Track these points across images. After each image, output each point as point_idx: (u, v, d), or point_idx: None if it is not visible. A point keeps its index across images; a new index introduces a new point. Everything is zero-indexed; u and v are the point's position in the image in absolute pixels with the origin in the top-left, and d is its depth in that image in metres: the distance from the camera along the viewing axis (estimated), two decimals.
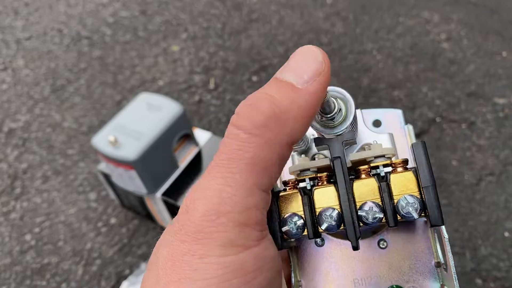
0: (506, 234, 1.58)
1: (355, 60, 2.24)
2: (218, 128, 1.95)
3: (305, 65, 0.28)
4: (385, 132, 0.38)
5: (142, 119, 1.49)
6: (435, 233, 0.35)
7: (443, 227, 0.30)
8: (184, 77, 2.22)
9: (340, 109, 0.31)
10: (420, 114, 1.97)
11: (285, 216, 0.31)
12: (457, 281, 0.29)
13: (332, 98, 0.31)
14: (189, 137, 1.60)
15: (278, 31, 2.42)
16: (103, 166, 1.57)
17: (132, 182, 1.49)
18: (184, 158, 1.59)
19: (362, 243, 0.36)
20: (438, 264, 0.34)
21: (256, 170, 0.27)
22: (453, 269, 0.29)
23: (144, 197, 1.55)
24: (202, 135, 1.66)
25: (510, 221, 1.62)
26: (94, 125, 2.03)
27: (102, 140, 1.44)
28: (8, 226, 1.72)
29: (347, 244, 0.36)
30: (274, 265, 0.29)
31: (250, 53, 2.31)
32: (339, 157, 0.31)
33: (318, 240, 0.36)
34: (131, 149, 1.41)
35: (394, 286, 0.35)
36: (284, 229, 0.31)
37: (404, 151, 0.38)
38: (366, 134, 0.38)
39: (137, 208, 1.66)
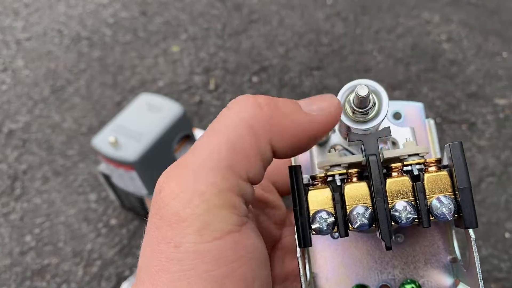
0: (507, 235, 1.58)
1: (355, 60, 2.23)
2: None
3: (319, 102, 0.30)
4: (405, 125, 0.37)
5: (142, 120, 1.49)
6: (452, 229, 0.35)
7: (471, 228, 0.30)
8: (184, 78, 2.22)
9: (375, 104, 0.31)
10: None
11: (314, 213, 0.30)
12: (482, 281, 0.29)
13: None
14: (189, 138, 1.60)
15: (278, 32, 2.42)
16: (103, 167, 1.57)
17: (132, 183, 1.49)
18: None
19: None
20: (453, 260, 0.34)
21: (234, 153, 0.27)
22: (478, 269, 0.29)
23: (144, 198, 1.55)
24: None
25: (511, 222, 1.62)
26: (94, 126, 2.03)
27: (102, 141, 1.44)
28: (8, 227, 1.71)
29: (363, 236, 0.36)
30: (258, 255, 0.27)
31: (250, 54, 2.31)
32: (375, 154, 0.30)
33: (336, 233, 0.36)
34: (132, 150, 1.41)
35: (409, 281, 0.34)
36: (314, 226, 0.30)
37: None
38: (386, 126, 0.37)
39: (137, 209, 1.66)
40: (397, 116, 0.38)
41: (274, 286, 0.35)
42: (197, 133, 1.66)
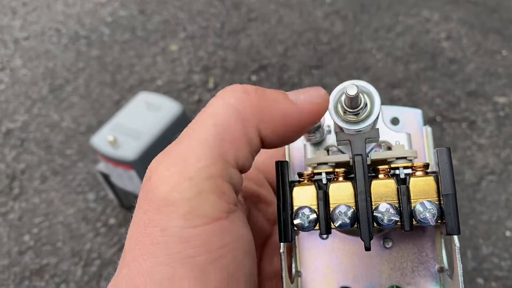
0: (508, 233, 1.58)
1: (354, 59, 2.23)
2: None
3: (306, 92, 0.30)
4: (402, 131, 0.37)
5: (141, 119, 1.48)
6: (441, 238, 0.35)
7: (455, 236, 0.30)
8: (183, 77, 2.21)
9: (366, 105, 0.31)
10: None
11: (297, 208, 0.30)
12: None
13: (360, 94, 0.30)
14: None
15: (277, 30, 2.41)
16: (102, 166, 1.56)
17: (131, 182, 1.48)
18: None
19: None
20: (441, 269, 0.34)
21: (222, 138, 0.27)
22: (460, 278, 0.29)
23: None
24: None
25: (511, 220, 1.61)
26: (93, 125, 2.02)
27: (101, 140, 1.44)
28: (7, 226, 1.71)
29: (351, 239, 0.36)
30: (244, 245, 0.27)
31: (249, 52, 2.31)
32: (361, 154, 0.30)
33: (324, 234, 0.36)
34: (130, 149, 1.40)
35: (394, 287, 0.34)
36: (296, 221, 0.30)
37: (420, 153, 0.37)
38: (382, 131, 0.36)
39: None
40: (395, 121, 0.38)
41: (264, 283, 0.35)
42: None
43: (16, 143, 1.99)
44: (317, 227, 0.30)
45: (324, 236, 0.36)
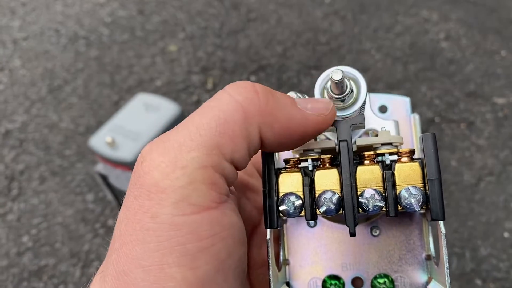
0: (506, 234, 1.58)
1: (353, 59, 2.23)
2: None
3: (314, 103, 0.30)
4: (390, 118, 0.37)
5: (140, 120, 1.48)
6: (429, 226, 0.35)
7: (441, 222, 0.30)
8: (182, 77, 2.21)
9: (352, 91, 0.31)
10: (419, 114, 1.95)
11: (283, 195, 0.30)
12: (448, 276, 0.28)
13: (345, 79, 0.30)
14: None
15: (276, 31, 2.41)
16: (101, 167, 1.56)
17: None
18: None
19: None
20: (428, 257, 0.34)
21: (222, 131, 0.26)
22: (446, 265, 0.29)
23: None
24: None
25: (510, 221, 1.61)
26: (92, 126, 2.02)
27: (99, 141, 1.44)
28: (5, 227, 1.71)
29: (339, 227, 0.36)
30: (234, 234, 0.27)
31: (248, 53, 2.30)
32: (346, 140, 0.30)
33: (312, 221, 0.36)
34: (129, 150, 1.40)
35: (382, 275, 0.34)
36: (282, 208, 0.30)
37: (408, 140, 0.37)
38: (370, 118, 0.37)
39: None
40: (382, 109, 0.38)
41: (252, 271, 0.35)
42: None
43: (15, 143, 1.98)
44: (302, 213, 0.30)
45: (312, 223, 0.36)
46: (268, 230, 0.30)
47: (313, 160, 0.32)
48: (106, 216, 1.71)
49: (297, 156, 0.33)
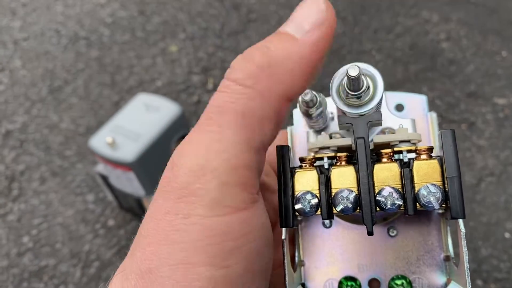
0: (507, 235, 1.58)
1: (354, 60, 2.22)
2: None
3: (306, 16, 0.28)
4: (407, 117, 0.36)
5: (140, 120, 1.48)
6: (447, 226, 0.34)
7: (461, 220, 0.29)
8: (183, 78, 2.21)
9: (369, 87, 0.30)
10: None
11: (299, 194, 0.30)
12: (469, 276, 0.28)
13: (362, 76, 0.29)
14: None
15: None
16: (101, 168, 1.56)
17: (130, 184, 1.48)
18: None
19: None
20: (447, 258, 0.33)
21: (248, 124, 0.26)
22: (466, 265, 0.28)
23: (142, 198, 1.54)
24: None
25: (511, 222, 1.61)
26: (92, 126, 2.02)
27: (99, 141, 1.43)
28: (6, 228, 1.70)
29: (355, 228, 0.35)
30: (264, 234, 0.27)
31: None
32: (363, 137, 0.29)
33: (327, 221, 0.35)
34: (129, 151, 1.40)
35: (399, 276, 0.34)
36: (297, 206, 0.29)
37: (425, 139, 0.36)
38: (387, 117, 0.36)
39: (135, 210, 1.65)
40: (399, 108, 0.38)
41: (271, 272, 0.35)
42: None
43: (15, 144, 1.98)
44: (318, 212, 0.30)
45: (327, 224, 0.35)
46: (284, 229, 0.30)
47: (329, 158, 0.31)
48: (106, 216, 1.71)
49: (313, 154, 0.33)
